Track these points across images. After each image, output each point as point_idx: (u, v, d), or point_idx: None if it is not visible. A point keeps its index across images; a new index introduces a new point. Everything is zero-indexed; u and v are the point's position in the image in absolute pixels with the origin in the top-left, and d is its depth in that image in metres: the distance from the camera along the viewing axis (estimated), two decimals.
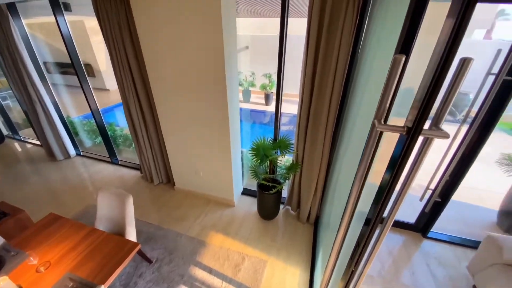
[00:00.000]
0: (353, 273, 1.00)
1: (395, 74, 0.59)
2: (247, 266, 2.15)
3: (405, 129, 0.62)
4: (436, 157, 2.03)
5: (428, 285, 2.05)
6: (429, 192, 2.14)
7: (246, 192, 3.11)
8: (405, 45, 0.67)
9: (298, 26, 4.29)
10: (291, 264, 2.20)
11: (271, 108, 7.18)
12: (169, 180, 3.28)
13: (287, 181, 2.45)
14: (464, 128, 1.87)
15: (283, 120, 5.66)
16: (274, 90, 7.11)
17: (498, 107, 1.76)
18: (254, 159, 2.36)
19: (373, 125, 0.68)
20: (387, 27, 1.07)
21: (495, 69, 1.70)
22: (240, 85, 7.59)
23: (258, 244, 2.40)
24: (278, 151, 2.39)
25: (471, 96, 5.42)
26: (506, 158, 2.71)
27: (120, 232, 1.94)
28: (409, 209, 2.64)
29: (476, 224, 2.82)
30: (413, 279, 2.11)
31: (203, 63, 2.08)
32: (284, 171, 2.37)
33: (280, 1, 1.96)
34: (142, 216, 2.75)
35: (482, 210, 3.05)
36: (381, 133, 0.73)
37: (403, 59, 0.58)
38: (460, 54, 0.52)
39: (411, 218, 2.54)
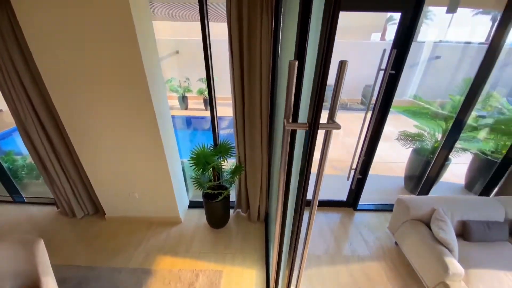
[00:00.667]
0: (293, 261, 1.06)
1: (291, 78, 0.65)
2: (202, 282, 2.04)
3: (307, 125, 0.69)
4: (355, 140, 2.39)
5: (362, 251, 2.40)
6: (353, 172, 2.51)
7: (193, 205, 2.96)
8: (300, 51, 0.75)
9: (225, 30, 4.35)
10: (247, 266, 2.21)
11: None
12: (97, 210, 2.80)
13: (233, 185, 2.44)
14: (370, 114, 2.26)
15: (224, 124, 5.65)
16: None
17: (389, 95, 2.19)
18: (195, 169, 2.26)
19: (283, 124, 0.73)
20: (289, 35, 1.18)
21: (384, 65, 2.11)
22: (175, 91, 7.19)
23: (212, 255, 2.31)
24: (220, 156, 2.37)
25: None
26: (403, 135, 3.41)
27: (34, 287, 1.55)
28: (341, 188, 3.02)
29: (391, 191, 3.46)
30: (351, 249, 2.42)
31: (117, 71, 1.85)
32: (229, 175, 2.36)
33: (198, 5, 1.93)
34: (67, 259, 2.27)
35: (393, 178, 3.77)
36: (293, 130, 0.80)
37: (296, 63, 0.64)
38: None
39: (343, 196, 2.92)
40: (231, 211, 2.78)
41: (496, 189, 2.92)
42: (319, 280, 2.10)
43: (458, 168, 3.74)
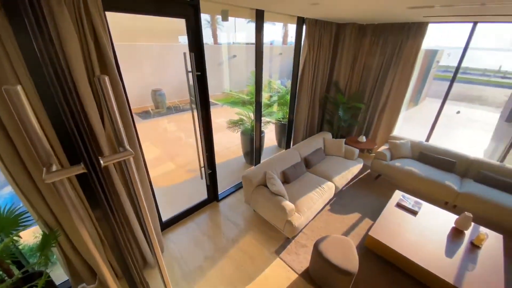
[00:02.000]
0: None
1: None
2: None
3: (83, 167, 0.52)
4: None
5: (233, 232, 2.65)
6: (203, 169, 2.60)
7: None
8: None
9: None
10: None
11: None
12: None
13: (51, 262, 1.65)
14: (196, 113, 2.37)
15: None
16: None
17: (204, 93, 2.41)
18: None
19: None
20: None
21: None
22: None
23: None
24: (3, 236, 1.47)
25: (164, 91, 7.25)
26: (229, 123, 4.03)
27: None
28: (201, 188, 3.08)
29: (238, 170, 4.05)
30: (226, 238, 2.59)
31: None
32: (38, 253, 1.54)
33: None
34: None
35: (237, 159, 4.43)
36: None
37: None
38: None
39: (204, 195, 3.01)
40: None
41: (292, 142, 4.32)
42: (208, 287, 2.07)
43: (271, 135, 5.12)
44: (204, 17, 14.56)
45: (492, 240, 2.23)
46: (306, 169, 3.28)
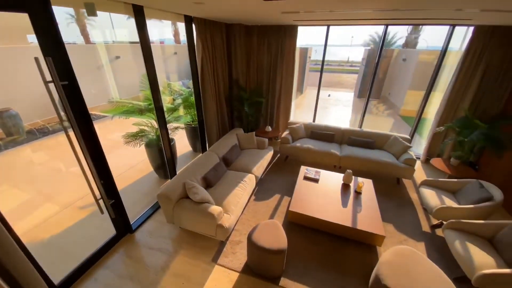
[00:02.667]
0: None
1: None
2: None
3: None
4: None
5: (161, 260, 2.32)
6: (101, 201, 2.08)
7: None
8: None
9: None
10: None
11: None
12: None
13: None
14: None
15: None
16: None
17: (80, 105, 1.90)
18: None
19: None
20: None
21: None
22: None
23: None
24: None
25: (15, 111, 5.36)
26: (127, 137, 3.40)
27: None
28: (105, 224, 2.48)
29: (152, 188, 3.55)
30: (152, 270, 2.23)
31: None
32: None
33: None
34: None
35: (147, 177, 3.85)
36: None
37: None
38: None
39: (112, 231, 2.46)
40: None
41: (207, 144, 4.21)
42: None
43: (183, 141, 4.78)
44: (65, 10, 11.45)
45: (367, 185, 3.04)
46: (227, 168, 3.29)
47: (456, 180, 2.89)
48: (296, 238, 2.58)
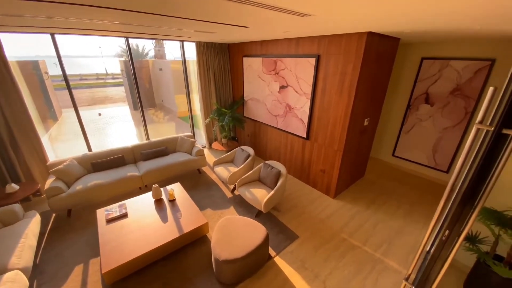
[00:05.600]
0: None
1: None
2: None
3: None
4: None
5: None
6: None
7: None
8: None
9: None
10: None
11: None
12: None
13: None
14: None
15: None
16: None
17: None
18: None
19: None
20: None
21: None
22: None
23: None
24: None
25: None
26: None
27: None
28: None
29: None
30: None
31: None
32: None
33: None
34: None
35: None
36: None
37: None
38: None
39: None
40: None
41: None
42: None
43: None
44: None
45: (177, 189, 3.16)
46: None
47: (230, 152, 3.95)
48: None
